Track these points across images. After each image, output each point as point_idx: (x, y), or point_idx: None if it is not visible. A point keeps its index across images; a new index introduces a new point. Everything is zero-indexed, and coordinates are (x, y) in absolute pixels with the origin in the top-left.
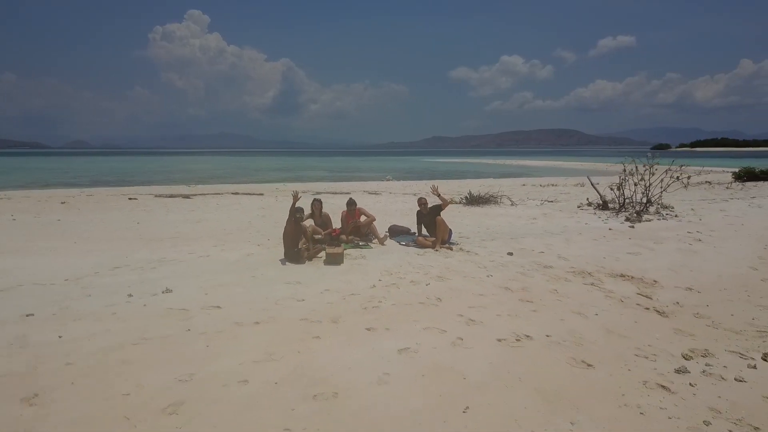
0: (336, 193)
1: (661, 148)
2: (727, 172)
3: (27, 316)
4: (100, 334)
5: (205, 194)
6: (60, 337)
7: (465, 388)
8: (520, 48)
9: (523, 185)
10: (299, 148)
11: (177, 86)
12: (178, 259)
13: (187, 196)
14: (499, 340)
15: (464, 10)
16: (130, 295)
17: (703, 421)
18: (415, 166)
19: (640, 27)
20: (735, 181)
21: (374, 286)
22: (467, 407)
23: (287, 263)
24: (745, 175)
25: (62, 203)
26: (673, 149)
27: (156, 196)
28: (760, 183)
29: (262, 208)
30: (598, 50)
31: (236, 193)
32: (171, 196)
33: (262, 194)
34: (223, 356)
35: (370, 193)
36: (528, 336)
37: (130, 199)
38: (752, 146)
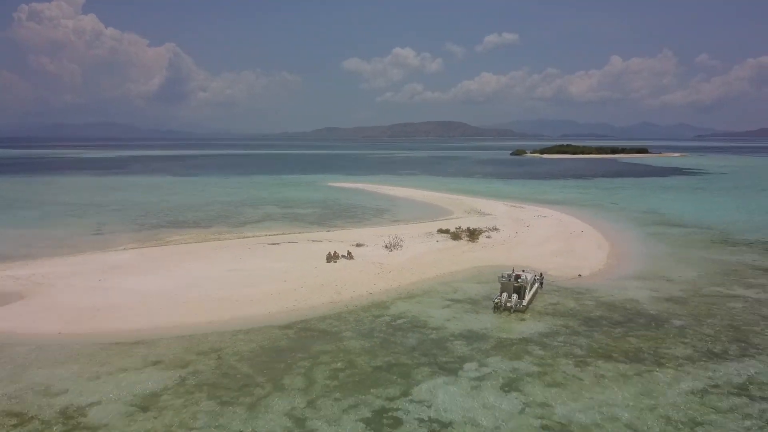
0: (315, 241)
1: (518, 154)
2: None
3: (285, 271)
4: (316, 269)
5: (275, 243)
6: (309, 245)
7: (341, 277)
8: (412, 41)
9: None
10: (185, 139)
11: (49, 71)
12: (317, 258)
13: (276, 243)
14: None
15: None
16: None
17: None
18: (327, 198)
19: (523, 25)
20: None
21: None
22: (366, 283)
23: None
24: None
25: (249, 248)
26: (528, 154)
27: (268, 244)
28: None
29: (303, 249)
30: (485, 46)
31: (291, 242)
32: (273, 243)
33: (296, 242)
34: (341, 271)
35: (313, 241)
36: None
37: (266, 245)
38: (587, 153)
